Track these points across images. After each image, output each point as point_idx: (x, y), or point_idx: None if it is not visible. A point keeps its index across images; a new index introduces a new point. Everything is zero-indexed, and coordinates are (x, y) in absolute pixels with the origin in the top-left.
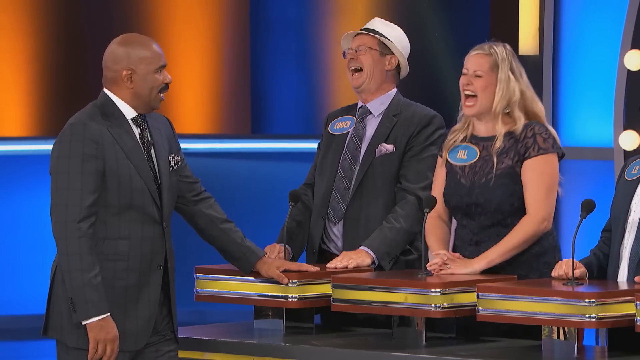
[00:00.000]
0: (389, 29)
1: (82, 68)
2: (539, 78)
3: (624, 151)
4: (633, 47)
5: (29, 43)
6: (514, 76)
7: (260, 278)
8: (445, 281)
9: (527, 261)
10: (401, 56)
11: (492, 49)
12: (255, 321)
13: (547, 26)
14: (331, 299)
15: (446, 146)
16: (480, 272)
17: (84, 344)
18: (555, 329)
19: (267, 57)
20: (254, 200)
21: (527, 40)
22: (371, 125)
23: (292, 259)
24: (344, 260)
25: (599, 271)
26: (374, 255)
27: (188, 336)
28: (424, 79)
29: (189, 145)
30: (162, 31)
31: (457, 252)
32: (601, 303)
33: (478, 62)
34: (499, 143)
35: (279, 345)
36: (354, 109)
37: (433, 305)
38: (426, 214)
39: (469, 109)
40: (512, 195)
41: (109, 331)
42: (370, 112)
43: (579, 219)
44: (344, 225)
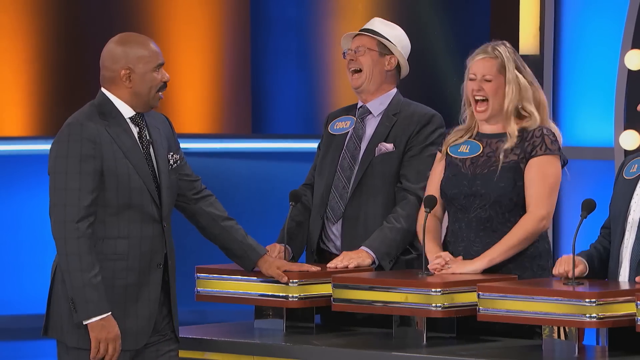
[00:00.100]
0: (389, 29)
1: (82, 68)
2: (539, 78)
3: (625, 151)
4: (633, 47)
5: (30, 43)
6: (520, 73)
7: (260, 278)
8: (446, 281)
9: (522, 262)
10: (401, 56)
11: (496, 50)
12: (256, 321)
13: (547, 26)
14: (332, 299)
15: (447, 143)
16: (480, 272)
17: (84, 343)
18: (555, 328)
19: (268, 57)
20: (254, 200)
21: (528, 40)
22: (371, 125)
23: (292, 259)
24: (345, 260)
25: (600, 264)
26: (374, 255)
27: (188, 336)
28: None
29: (189, 145)
30: (162, 31)
31: (448, 249)
32: (602, 303)
33: (485, 66)
34: (510, 143)
35: (279, 345)
36: (354, 109)
37: (433, 305)
38: (426, 213)
39: (482, 114)
40: (513, 189)
41: (110, 330)
42: (370, 112)
43: (580, 218)
44: (342, 225)
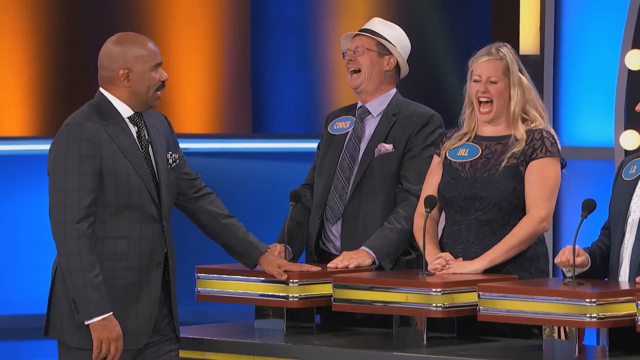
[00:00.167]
0: (388, 29)
1: (82, 68)
2: (539, 78)
3: (625, 151)
4: (634, 47)
5: (30, 43)
6: (523, 76)
7: (261, 278)
8: (446, 281)
9: (521, 264)
10: (400, 56)
11: (501, 52)
12: (256, 321)
13: (547, 26)
14: (332, 299)
15: (445, 148)
16: (481, 272)
17: (85, 344)
18: (556, 328)
19: (268, 57)
20: (254, 200)
21: (528, 40)
22: (370, 125)
23: (292, 259)
24: (345, 260)
25: (602, 260)
26: (374, 255)
27: (189, 336)
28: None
29: (189, 145)
30: (162, 31)
31: (445, 250)
32: (602, 303)
33: (490, 67)
34: (519, 147)
35: (279, 345)
36: (353, 109)
37: (434, 305)
38: (427, 213)
39: (486, 115)
40: (514, 192)
41: (112, 330)
42: (370, 112)
43: (580, 218)
44: (342, 225)
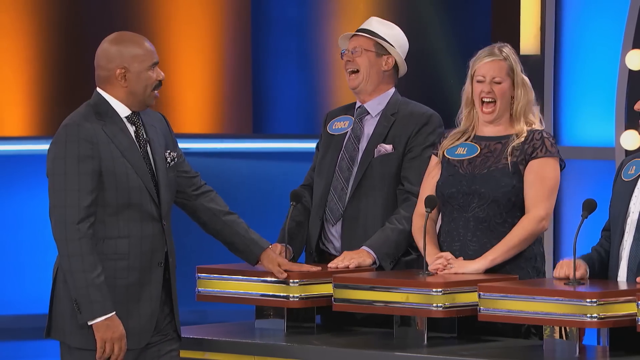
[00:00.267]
0: (386, 29)
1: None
2: (540, 78)
3: (625, 151)
4: (634, 47)
5: (30, 43)
6: (525, 76)
7: (261, 278)
8: (447, 281)
9: (518, 263)
10: (398, 56)
11: (504, 52)
12: (257, 321)
13: (548, 26)
14: (332, 299)
15: (443, 146)
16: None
17: (86, 344)
18: (556, 328)
19: (269, 57)
20: (255, 200)
21: (529, 40)
22: (369, 125)
23: (292, 259)
24: (345, 260)
25: (601, 267)
26: (375, 255)
27: (189, 336)
28: (424, 79)
29: (190, 145)
30: (163, 31)
31: (443, 249)
32: (602, 303)
33: (494, 68)
34: (518, 141)
35: (280, 345)
36: (352, 109)
37: (434, 304)
38: (427, 213)
39: (489, 115)
40: (512, 190)
41: (115, 330)
42: (368, 112)
43: (580, 218)
44: (342, 226)
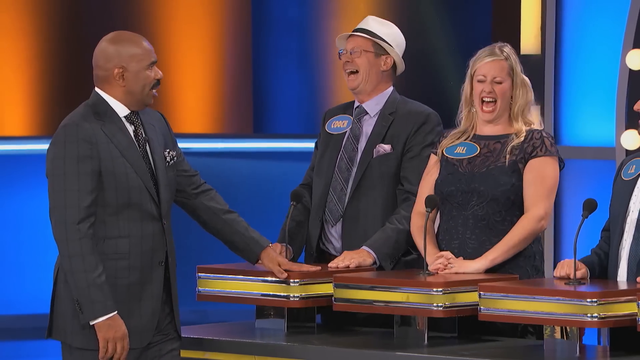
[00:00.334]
0: (384, 28)
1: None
2: (540, 78)
3: (626, 151)
4: (635, 47)
5: (31, 43)
6: (525, 77)
7: (262, 277)
8: (447, 280)
9: (517, 262)
10: (397, 55)
11: (504, 52)
12: (257, 321)
13: (549, 26)
14: (333, 299)
15: (442, 146)
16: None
17: (88, 344)
18: (557, 328)
19: (269, 57)
20: (255, 200)
21: (529, 40)
22: (368, 126)
23: (292, 259)
24: (346, 260)
25: (601, 270)
26: (375, 255)
27: (190, 335)
28: (425, 79)
29: (191, 145)
30: (164, 31)
31: (441, 247)
32: (603, 303)
33: (495, 67)
34: (517, 140)
35: (280, 345)
36: (350, 108)
37: (435, 304)
38: (428, 213)
39: (489, 114)
40: (511, 188)
41: (117, 329)
42: (367, 112)
43: (581, 218)
44: (342, 226)
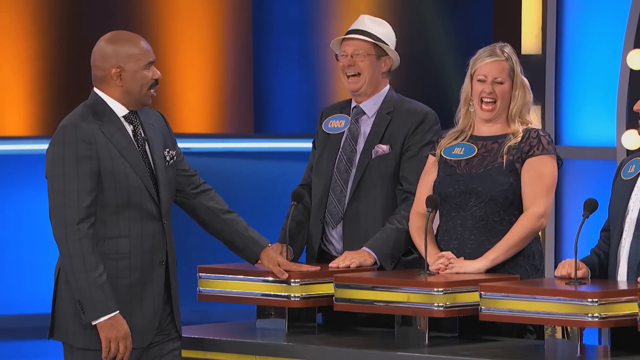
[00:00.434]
0: (380, 28)
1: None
2: (541, 77)
3: (627, 150)
4: (635, 47)
5: (31, 43)
6: (524, 78)
7: (262, 277)
8: (448, 280)
9: (517, 261)
10: (394, 54)
11: (505, 52)
12: (258, 320)
13: (549, 26)
14: (334, 299)
15: (441, 146)
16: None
17: (89, 344)
18: (558, 328)
19: (270, 57)
20: (256, 200)
21: (530, 40)
22: (365, 126)
23: (293, 259)
24: (346, 260)
25: (601, 270)
26: (375, 256)
27: (190, 335)
28: (426, 78)
29: (191, 145)
30: (164, 31)
31: (440, 248)
32: (604, 302)
33: (496, 68)
34: (514, 140)
35: (281, 345)
36: (347, 107)
37: (436, 304)
38: (428, 213)
39: (488, 113)
40: (510, 188)
41: (119, 329)
42: (364, 113)
43: (582, 218)
44: (343, 227)
